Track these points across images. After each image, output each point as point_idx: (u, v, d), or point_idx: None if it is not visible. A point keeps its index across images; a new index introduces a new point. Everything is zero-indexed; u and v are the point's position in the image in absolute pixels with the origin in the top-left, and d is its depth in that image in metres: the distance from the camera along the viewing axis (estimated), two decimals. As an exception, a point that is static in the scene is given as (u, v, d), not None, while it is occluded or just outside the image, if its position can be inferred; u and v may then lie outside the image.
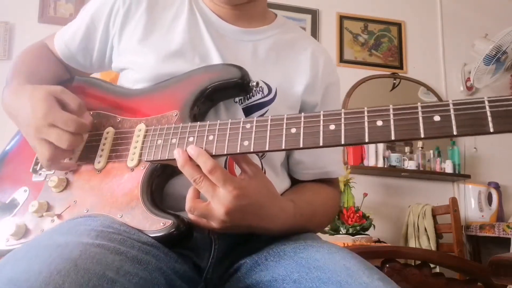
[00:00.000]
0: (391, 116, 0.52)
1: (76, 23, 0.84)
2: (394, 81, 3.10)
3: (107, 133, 0.71)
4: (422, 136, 0.50)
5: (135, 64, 0.76)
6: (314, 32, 3.10)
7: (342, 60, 3.11)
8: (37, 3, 2.81)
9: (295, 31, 0.89)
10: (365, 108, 0.54)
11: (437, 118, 0.49)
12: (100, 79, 0.83)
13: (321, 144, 0.54)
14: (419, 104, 0.51)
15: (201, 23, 0.79)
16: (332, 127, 0.54)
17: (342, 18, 3.18)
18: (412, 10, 3.28)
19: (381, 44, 3.20)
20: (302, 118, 0.57)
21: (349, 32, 3.18)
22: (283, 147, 0.57)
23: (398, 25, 3.24)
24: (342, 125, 0.54)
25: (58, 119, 0.64)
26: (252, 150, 0.58)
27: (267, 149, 0.58)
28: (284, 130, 0.57)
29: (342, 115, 0.54)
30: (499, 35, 2.73)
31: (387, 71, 3.14)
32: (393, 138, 0.51)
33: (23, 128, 0.69)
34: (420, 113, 0.50)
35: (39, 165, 0.74)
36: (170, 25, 0.78)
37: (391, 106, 0.52)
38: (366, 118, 0.53)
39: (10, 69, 0.79)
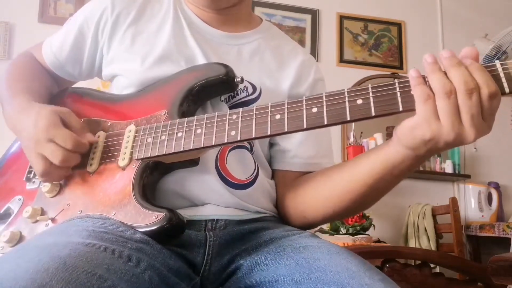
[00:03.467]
0: (370, 94, 0.54)
1: (63, 33, 0.84)
2: (392, 80, 3.10)
3: (98, 137, 0.73)
4: (401, 109, 0.52)
5: (124, 70, 0.78)
6: (314, 32, 3.10)
7: (342, 60, 3.11)
8: (37, 3, 2.81)
9: (281, 38, 0.90)
10: (345, 89, 0.56)
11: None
12: (90, 88, 0.84)
13: (305, 126, 0.56)
14: (396, 81, 0.54)
15: (185, 28, 0.80)
16: (314, 109, 0.56)
17: (342, 18, 3.19)
18: (412, 10, 3.29)
19: (381, 44, 3.21)
20: (286, 105, 0.59)
21: (349, 32, 3.18)
22: (269, 133, 0.58)
23: (398, 25, 3.24)
24: (324, 106, 0.56)
25: (58, 135, 0.65)
26: (239, 139, 0.60)
27: (253, 136, 0.59)
28: (269, 117, 0.59)
29: (324, 97, 0.57)
30: (499, 35, 2.73)
31: (387, 71, 3.14)
32: (373, 114, 0.53)
33: (24, 142, 0.70)
34: (397, 89, 0.53)
35: (33, 173, 0.75)
36: (156, 32, 0.79)
37: (369, 85, 0.55)
38: (346, 98, 0.55)
39: (5, 83, 0.79)
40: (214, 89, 0.73)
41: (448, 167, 2.91)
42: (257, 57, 0.82)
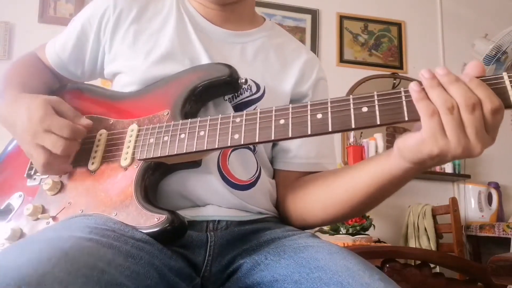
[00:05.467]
0: (376, 102, 0.54)
1: (66, 33, 0.85)
2: (394, 81, 3.11)
3: (100, 135, 0.73)
4: (406, 119, 0.52)
5: (127, 67, 0.77)
6: (314, 32, 3.10)
7: (342, 60, 3.11)
8: (37, 3, 2.81)
9: (284, 36, 0.90)
10: (351, 96, 0.55)
11: None
12: (91, 84, 0.84)
13: (309, 132, 0.56)
14: (402, 89, 0.53)
15: (189, 26, 0.80)
16: (319, 116, 0.56)
17: (342, 18, 3.19)
18: (412, 10, 3.28)
19: (381, 44, 3.21)
20: (290, 109, 0.58)
21: (349, 32, 3.18)
22: (273, 138, 0.58)
23: (398, 25, 3.24)
24: (329, 113, 0.56)
25: (54, 124, 0.65)
26: (242, 143, 0.60)
27: (257, 140, 0.59)
28: (273, 121, 0.59)
29: (329, 104, 0.56)
30: (499, 35, 2.73)
31: (387, 71, 3.14)
32: (378, 122, 0.53)
33: (19, 135, 0.70)
34: (403, 98, 0.53)
35: (34, 169, 0.75)
36: (159, 30, 0.79)
37: (375, 93, 0.54)
38: (351, 105, 0.55)
39: (2, 80, 0.79)
40: (217, 89, 0.72)
41: (448, 167, 2.91)
42: (260, 56, 0.82)
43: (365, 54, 3.17)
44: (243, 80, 0.71)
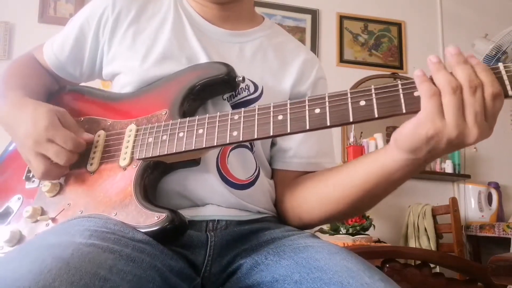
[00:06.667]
0: (373, 95, 0.54)
1: (65, 33, 0.84)
2: (394, 81, 3.10)
3: (98, 136, 0.73)
4: (404, 111, 0.53)
5: (126, 68, 0.77)
6: (314, 32, 3.10)
7: (342, 60, 3.11)
8: (37, 3, 2.81)
9: (283, 36, 0.89)
10: (348, 90, 0.56)
11: (417, 93, 0.53)
12: (89, 86, 0.84)
13: (307, 127, 0.56)
14: (399, 82, 0.54)
15: (187, 25, 0.80)
16: (317, 110, 0.56)
17: (342, 18, 3.19)
18: (412, 10, 3.29)
19: (381, 44, 3.21)
20: (288, 105, 0.58)
21: (349, 32, 3.18)
22: (272, 134, 0.58)
23: (398, 25, 3.24)
24: (327, 107, 0.56)
25: (59, 135, 0.65)
26: (241, 139, 0.60)
27: (256, 137, 0.59)
28: (271, 117, 0.59)
29: (326, 98, 0.56)
30: (499, 35, 2.73)
31: (387, 71, 3.14)
32: (376, 115, 0.53)
33: (20, 139, 0.69)
34: (401, 90, 0.53)
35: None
36: (157, 30, 0.79)
37: (372, 87, 0.55)
38: (349, 99, 0.55)
39: (1, 81, 0.79)
40: (215, 88, 0.73)
41: (448, 167, 2.91)
42: (259, 56, 0.82)
43: (365, 54, 3.17)
44: (240, 78, 0.71)
